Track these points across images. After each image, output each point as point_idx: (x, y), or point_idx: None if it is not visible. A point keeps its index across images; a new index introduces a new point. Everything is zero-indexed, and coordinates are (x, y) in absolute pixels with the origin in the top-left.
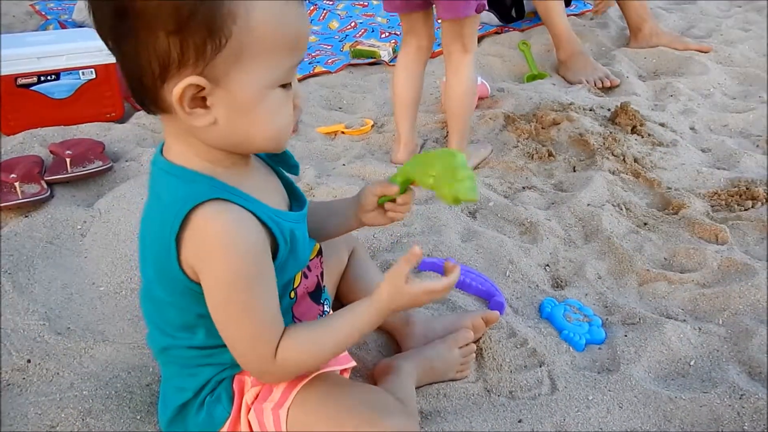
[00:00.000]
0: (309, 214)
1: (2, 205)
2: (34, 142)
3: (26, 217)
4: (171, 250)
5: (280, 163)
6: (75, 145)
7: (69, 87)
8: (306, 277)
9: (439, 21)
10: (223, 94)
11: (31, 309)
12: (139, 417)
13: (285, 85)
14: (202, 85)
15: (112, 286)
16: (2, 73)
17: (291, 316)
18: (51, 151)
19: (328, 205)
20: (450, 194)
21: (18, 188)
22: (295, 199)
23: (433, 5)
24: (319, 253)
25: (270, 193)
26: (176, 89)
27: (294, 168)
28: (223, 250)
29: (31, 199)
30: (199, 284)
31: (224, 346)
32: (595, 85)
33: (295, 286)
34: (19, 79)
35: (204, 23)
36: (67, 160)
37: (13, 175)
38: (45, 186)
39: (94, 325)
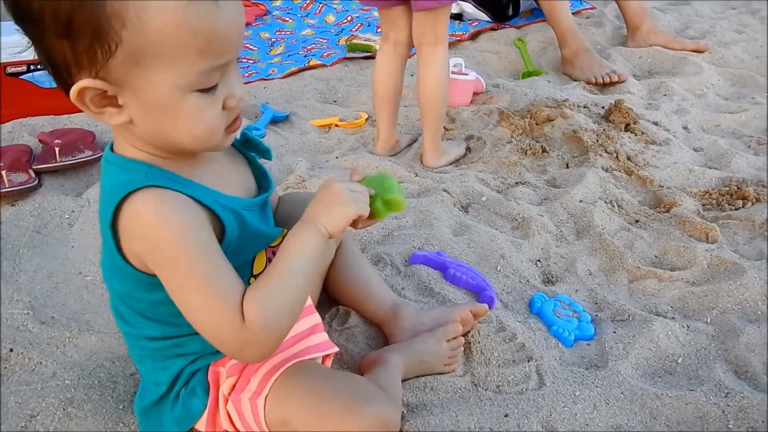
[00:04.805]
0: (284, 202)
1: None
2: (23, 131)
3: (13, 206)
4: (110, 240)
5: (251, 149)
6: (64, 135)
7: None
8: (270, 262)
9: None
10: (131, 94)
11: (15, 298)
12: (121, 407)
13: (209, 89)
14: (101, 88)
15: (99, 276)
16: None
17: None
18: (40, 140)
19: (305, 197)
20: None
21: (5, 177)
22: (264, 186)
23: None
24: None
25: (226, 179)
26: (71, 91)
27: (266, 153)
28: (158, 234)
29: (18, 187)
30: (145, 273)
31: (188, 335)
32: (603, 81)
33: (255, 273)
34: (9, 67)
35: (88, 27)
36: (56, 149)
37: (0, 164)
38: (33, 175)
39: (80, 315)
